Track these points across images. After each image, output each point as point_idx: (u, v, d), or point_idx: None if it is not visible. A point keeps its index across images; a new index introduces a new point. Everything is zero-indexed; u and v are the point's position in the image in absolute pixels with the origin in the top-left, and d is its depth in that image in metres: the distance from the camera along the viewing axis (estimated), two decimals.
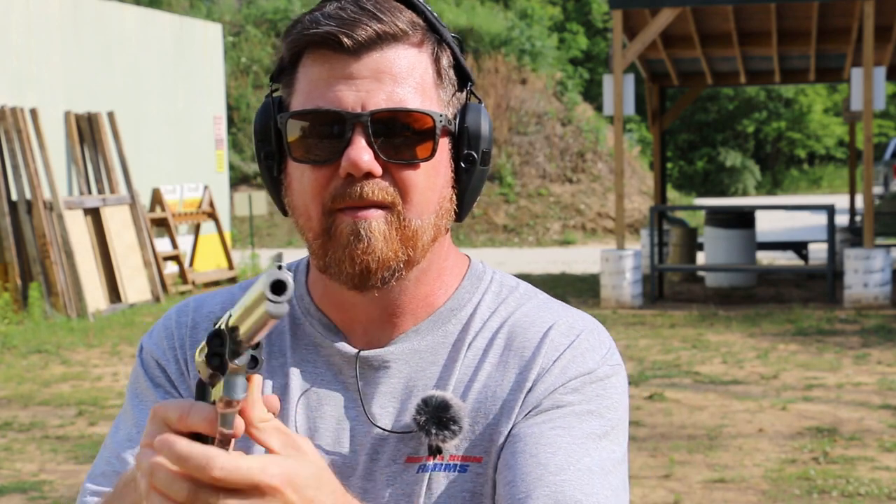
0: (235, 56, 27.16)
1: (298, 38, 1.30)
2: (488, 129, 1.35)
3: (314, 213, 1.29)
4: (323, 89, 1.28)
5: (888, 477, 6.27)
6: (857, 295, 12.41)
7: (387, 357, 1.34)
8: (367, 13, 1.28)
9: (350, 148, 1.26)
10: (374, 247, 1.27)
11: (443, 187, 1.32)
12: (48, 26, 14.03)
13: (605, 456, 1.28)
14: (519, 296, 1.39)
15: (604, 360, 1.34)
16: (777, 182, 39.32)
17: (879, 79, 12.45)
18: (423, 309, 1.36)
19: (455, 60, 1.34)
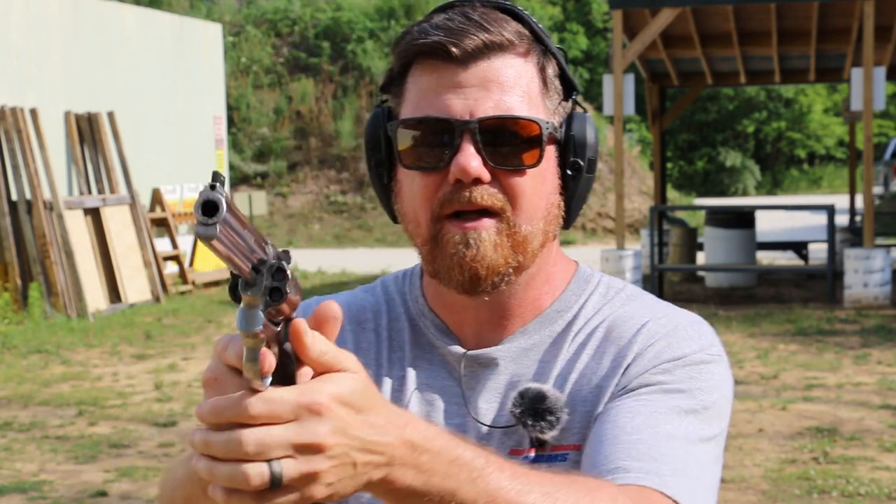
0: (235, 56, 27.16)
1: (407, 49, 1.34)
2: (594, 137, 1.38)
3: (423, 219, 1.33)
4: (432, 98, 1.32)
5: (888, 477, 6.27)
6: (857, 295, 12.41)
7: (494, 355, 1.38)
8: (475, 23, 1.32)
9: (459, 154, 1.29)
10: (484, 254, 1.31)
11: (550, 194, 1.35)
12: (48, 26, 14.03)
13: (690, 429, 1.27)
14: (625, 297, 1.42)
15: (702, 349, 1.34)
16: (777, 182, 39.32)
17: (879, 79, 12.45)
18: (531, 312, 1.40)
19: (560, 70, 1.38)
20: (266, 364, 0.95)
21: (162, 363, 10.26)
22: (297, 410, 0.94)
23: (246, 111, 26.55)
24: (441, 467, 1.02)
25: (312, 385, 0.96)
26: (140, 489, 6.37)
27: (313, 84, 26.74)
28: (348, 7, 28.02)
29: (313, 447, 0.95)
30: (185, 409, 8.29)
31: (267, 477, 0.93)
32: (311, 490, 0.96)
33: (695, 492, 1.23)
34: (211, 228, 0.88)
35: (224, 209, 0.88)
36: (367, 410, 0.98)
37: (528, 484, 1.06)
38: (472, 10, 1.34)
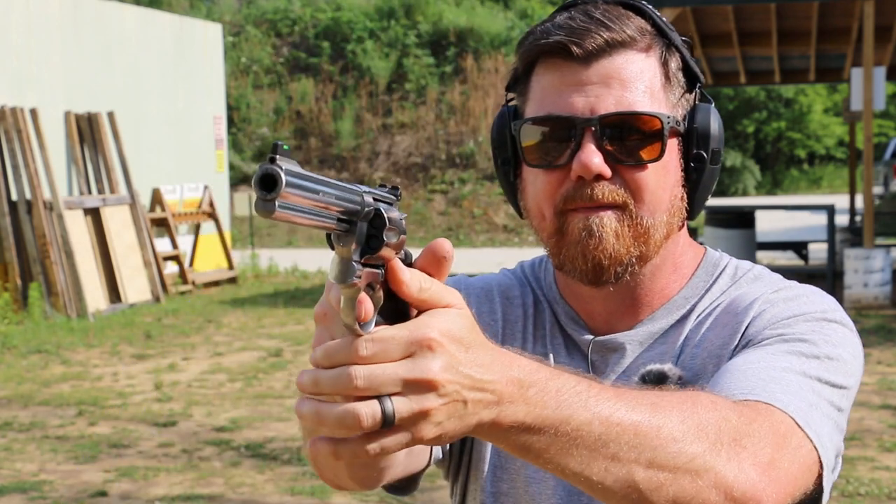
0: (235, 56, 27.15)
1: (531, 49, 1.37)
2: (718, 128, 1.39)
3: (547, 214, 1.37)
4: (554, 96, 1.35)
5: (888, 477, 6.27)
6: (857, 295, 12.40)
7: (621, 340, 1.41)
8: (596, 21, 1.34)
9: (581, 151, 1.32)
10: (606, 243, 1.33)
11: (673, 186, 1.37)
12: (48, 26, 14.03)
13: (808, 367, 1.26)
14: (752, 277, 1.44)
15: (825, 310, 1.34)
16: (777, 182, 39.30)
17: (879, 79, 12.44)
18: (659, 300, 1.42)
19: (684, 63, 1.39)
20: (363, 311, 0.94)
21: (162, 363, 10.26)
22: (408, 347, 0.93)
23: (246, 111, 26.54)
24: (550, 398, 1.01)
25: (422, 320, 0.95)
26: (140, 489, 6.37)
27: (313, 84, 26.74)
28: (348, 7, 28.01)
29: (425, 384, 0.93)
30: (185, 409, 8.29)
31: (379, 416, 0.91)
32: (422, 430, 0.94)
33: (810, 414, 1.19)
34: (270, 204, 0.86)
35: (283, 183, 0.85)
36: (476, 347, 0.97)
37: (633, 400, 1.06)
38: (594, 7, 1.37)
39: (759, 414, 1.14)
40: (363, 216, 0.94)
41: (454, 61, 26.45)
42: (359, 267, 0.93)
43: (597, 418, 1.03)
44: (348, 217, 0.94)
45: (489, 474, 1.45)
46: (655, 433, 1.05)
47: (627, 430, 1.04)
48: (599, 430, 1.03)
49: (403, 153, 25.39)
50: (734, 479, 1.08)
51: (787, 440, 1.15)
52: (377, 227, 0.94)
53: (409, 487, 1.41)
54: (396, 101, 26.07)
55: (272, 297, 14.85)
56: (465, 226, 23.86)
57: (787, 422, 1.16)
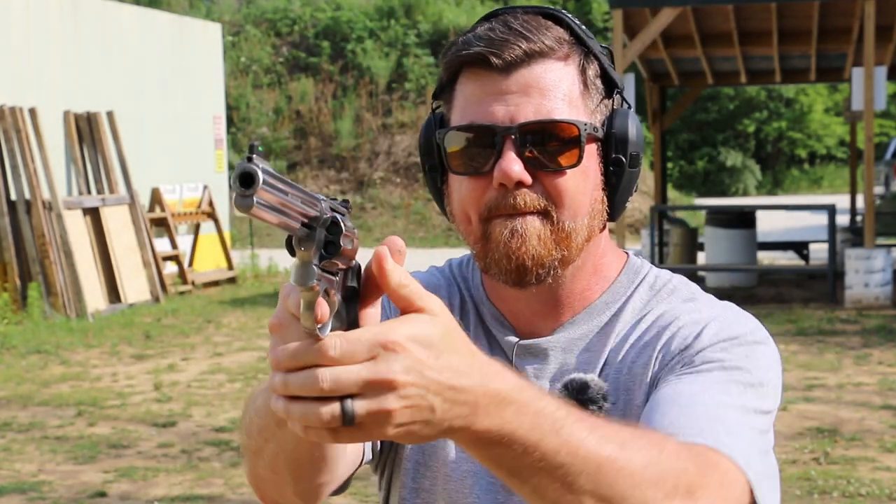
0: (235, 56, 27.14)
1: (453, 59, 1.42)
2: (636, 132, 1.43)
3: (473, 219, 1.41)
4: (476, 105, 1.39)
5: (889, 477, 6.25)
6: (858, 295, 12.39)
7: (544, 345, 1.45)
8: (515, 32, 1.39)
9: (501, 160, 1.36)
10: (529, 245, 1.37)
11: (593, 190, 1.41)
12: (48, 26, 14.02)
13: (745, 400, 1.31)
14: (671, 288, 1.47)
15: (752, 331, 1.39)
16: (778, 182, 39.30)
17: (880, 78, 12.43)
18: (580, 302, 1.46)
19: (602, 70, 1.43)
20: (319, 313, 0.98)
21: (161, 363, 10.24)
22: (372, 349, 0.96)
23: (246, 111, 26.53)
24: (527, 419, 1.04)
25: (389, 325, 0.98)
26: (139, 489, 6.35)
27: (313, 84, 26.73)
28: (348, 7, 28.01)
29: (385, 384, 0.96)
30: (185, 410, 8.28)
31: (338, 414, 0.96)
32: (382, 429, 0.98)
33: (750, 454, 1.25)
34: (248, 200, 0.91)
35: (260, 180, 0.91)
36: (449, 353, 1.00)
37: (604, 436, 1.10)
38: (513, 18, 1.41)
39: (710, 465, 1.19)
40: (322, 223, 0.99)
41: None
42: (318, 270, 0.98)
43: (565, 447, 1.06)
44: (309, 221, 0.99)
45: (411, 470, 1.50)
46: (616, 472, 1.09)
47: (590, 463, 1.08)
48: (564, 458, 1.06)
49: (403, 153, 25.37)
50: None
51: (730, 491, 1.21)
52: (334, 233, 0.99)
53: (342, 488, 1.46)
54: (396, 101, 26.06)
55: (272, 297, 14.83)
56: None
57: (731, 470, 1.22)
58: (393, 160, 25.34)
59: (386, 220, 23.60)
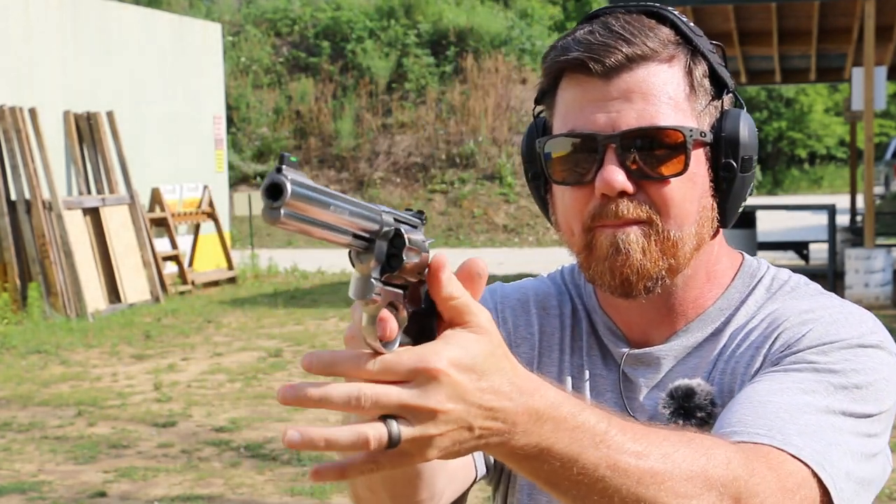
0: (235, 56, 27.14)
1: (552, 65, 1.37)
2: (748, 134, 1.37)
3: (576, 230, 1.37)
4: (577, 112, 1.35)
5: (889, 477, 6.24)
6: (858, 295, 12.38)
7: (656, 354, 1.42)
8: (616, 35, 1.34)
9: (603, 169, 1.32)
10: (633, 259, 1.33)
11: (701, 197, 1.36)
12: (47, 26, 14.01)
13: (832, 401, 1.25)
14: (789, 289, 1.43)
15: (862, 334, 1.33)
16: (778, 182, 39.29)
17: (880, 78, 12.43)
18: (694, 310, 1.42)
19: (710, 69, 1.37)
20: (388, 329, 0.96)
21: (161, 363, 10.24)
22: (411, 374, 0.95)
23: (246, 111, 26.53)
24: (564, 434, 1.03)
25: (433, 347, 0.96)
26: (139, 489, 6.35)
27: (313, 84, 26.72)
28: (348, 7, 28.00)
29: (427, 412, 0.95)
30: (185, 410, 8.28)
31: (385, 439, 0.95)
32: (425, 453, 0.97)
33: (827, 454, 1.19)
34: (275, 212, 0.89)
35: (289, 192, 0.88)
36: (491, 374, 0.98)
37: (647, 446, 1.07)
38: (614, 19, 1.36)
39: (769, 468, 1.15)
40: (382, 235, 0.96)
41: (454, 61, 26.44)
42: (377, 284, 0.96)
43: (604, 460, 1.04)
44: (367, 235, 0.96)
45: (527, 486, 1.47)
46: (658, 485, 1.07)
47: (631, 477, 1.06)
48: (604, 472, 1.05)
49: (403, 153, 25.37)
50: None
51: (793, 495, 1.15)
52: (397, 246, 0.96)
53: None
54: (396, 101, 26.06)
55: (272, 297, 14.83)
56: (465, 226, 23.84)
57: (799, 472, 1.16)
58: (393, 160, 25.33)
59: None
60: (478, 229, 24.02)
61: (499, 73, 25.97)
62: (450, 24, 27.11)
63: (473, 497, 6.13)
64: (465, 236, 23.59)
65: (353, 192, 24.64)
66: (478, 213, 24.14)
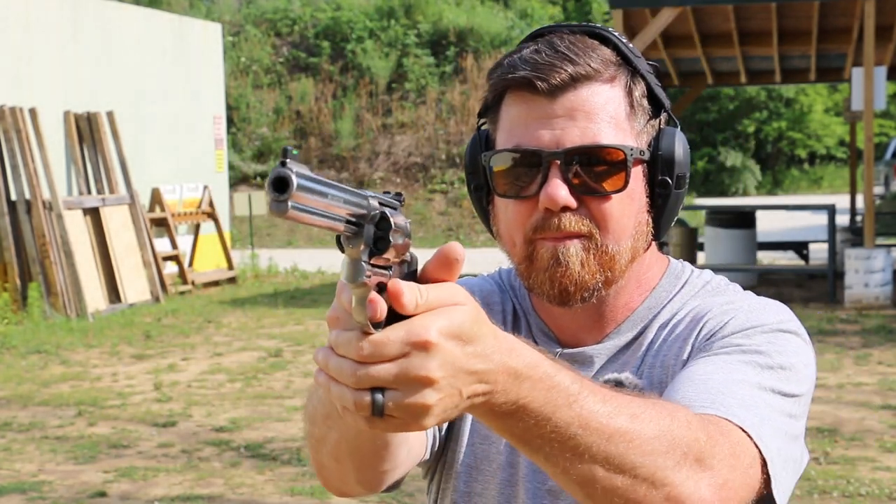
0: (235, 56, 27.14)
1: (498, 82, 1.42)
2: (683, 153, 1.44)
3: (518, 241, 1.41)
4: (522, 129, 1.39)
5: (889, 477, 6.25)
6: (858, 295, 12.38)
7: (589, 353, 1.48)
8: (561, 56, 1.38)
9: (547, 184, 1.37)
10: (572, 271, 1.38)
11: (638, 212, 1.42)
12: (47, 26, 14.02)
13: (762, 379, 1.31)
14: (711, 289, 1.49)
15: (781, 321, 1.39)
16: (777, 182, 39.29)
17: (880, 78, 12.43)
18: (623, 314, 1.48)
19: (649, 90, 1.43)
20: (378, 311, 0.99)
21: (161, 363, 10.24)
22: (404, 347, 0.98)
23: (246, 111, 26.53)
24: (540, 394, 1.06)
25: (421, 321, 0.99)
26: (139, 489, 6.35)
27: (313, 84, 26.73)
28: (348, 7, 28.00)
29: (422, 381, 0.98)
30: (185, 410, 8.28)
31: (367, 405, 0.98)
32: (423, 420, 1.00)
33: (762, 427, 1.25)
34: (283, 205, 0.91)
35: (294, 185, 0.91)
36: (476, 340, 1.01)
37: (616, 407, 1.12)
38: (559, 39, 1.40)
39: (721, 434, 1.20)
40: (370, 219, 0.99)
41: (454, 61, 26.44)
42: (368, 267, 0.99)
43: (577, 419, 1.09)
44: (356, 220, 0.99)
45: (463, 474, 1.51)
46: (627, 442, 1.11)
47: (602, 434, 1.10)
48: (576, 430, 1.09)
49: (403, 153, 25.37)
50: (688, 495, 1.15)
51: (741, 460, 1.21)
52: (383, 229, 1.00)
53: (394, 487, 1.47)
54: (396, 101, 26.06)
55: (272, 297, 14.83)
56: (465, 226, 23.84)
57: (744, 441, 1.22)
58: (393, 160, 25.34)
59: None
60: (478, 229, 24.02)
61: None
62: (450, 24, 27.12)
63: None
64: (465, 236, 23.59)
65: None
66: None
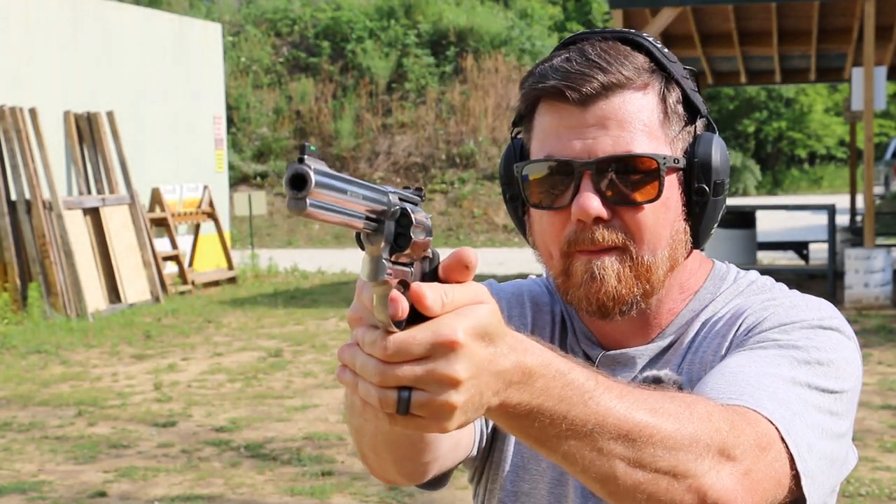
0: (235, 56, 27.14)
1: (530, 92, 1.41)
2: (720, 159, 1.41)
3: (554, 254, 1.41)
4: (554, 139, 1.38)
5: (889, 477, 6.25)
6: (858, 295, 12.38)
7: (632, 354, 1.46)
8: (592, 64, 1.36)
9: (579, 195, 1.36)
10: (608, 286, 1.37)
11: (674, 221, 1.40)
12: (47, 26, 14.02)
13: (797, 374, 1.29)
14: (756, 288, 1.47)
15: (822, 318, 1.37)
16: (778, 182, 39.30)
17: (880, 78, 12.43)
18: (668, 319, 1.47)
19: (684, 95, 1.41)
20: (399, 309, 0.97)
21: (161, 363, 10.24)
22: (430, 349, 0.97)
23: (246, 111, 26.53)
24: (555, 391, 1.05)
25: (448, 321, 0.98)
26: (140, 489, 6.35)
27: (313, 84, 26.72)
28: (348, 7, 28.00)
29: (449, 381, 0.97)
30: (185, 410, 8.28)
31: (393, 403, 0.98)
32: (449, 421, 0.99)
33: (793, 422, 1.23)
34: (301, 202, 0.90)
35: (313, 182, 0.89)
36: (498, 339, 1.01)
37: (634, 402, 1.11)
38: (591, 46, 1.38)
39: (747, 424, 1.18)
40: (390, 215, 0.98)
41: (454, 61, 26.44)
42: (389, 264, 0.97)
43: (593, 416, 1.07)
44: (376, 216, 0.97)
45: (510, 474, 1.50)
46: (646, 437, 1.10)
47: (619, 431, 1.09)
48: (593, 427, 1.08)
49: (403, 153, 25.37)
50: (710, 485, 1.14)
51: (766, 452, 1.19)
52: (404, 225, 0.98)
53: (441, 482, 1.46)
54: (396, 101, 26.06)
55: (272, 297, 14.83)
56: (465, 226, 23.84)
57: (770, 433, 1.20)
58: (393, 160, 25.34)
59: None
60: (478, 229, 24.03)
61: (499, 73, 25.97)
62: (450, 24, 27.12)
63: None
64: (465, 236, 23.59)
65: None
66: (478, 213, 24.15)
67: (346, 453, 6.94)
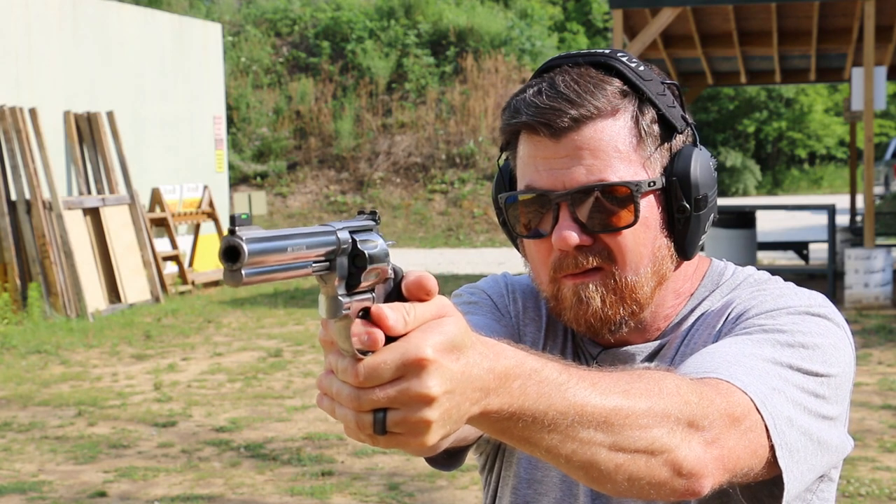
0: (235, 56, 27.13)
1: (506, 126, 1.45)
2: (702, 173, 1.42)
3: (544, 279, 1.45)
4: (532, 170, 1.42)
5: (889, 477, 6.25)
6: (858, 295, 12.39)
7: (632, 351, 1.49)
8: (562, 97, 1.38)
9: (558, 226, 1.40)
10: (594, 308, 1.41)
11: (655, 239, 1.43)
12: (48, 26, 14.01)
13: (779, 355, 1.30)
14: (752, 282, 1.48)
15: (811, 305, 1.38)
16: (778, 182, 39.29)
17: (880, 79, 12.43)
18: (665, 322, 1.50)
19: (659, 114, 1.41)
20: (370, 341, 0.98)
21: (161, 363, 10.24)
22: (399, 370, 0.97)
23: (246, 111, 26.52)
24: (532, 389, 1.06)
25: (414, 340, 0.98)
26: (139, 489, 6.35)
27: (313, 84, 26.72)
28: (348, 7, 28.00)
29: (422, 399, 0.98)
30: (185, 410, 8.28)
31: (369, 426, 0.99)
32: (426, 437, 1.00)
33: (770, 396, 1.24)
34: (237, 274, 0.89)
35: (245, 253, 0.88)
36: (467, 350, 1.01)
37: (607, 388, 1.13)
38: (562, 76, 1.39)
39: (718, 393, 1.21)
40: (340, 252, 0.97)
41: (454, 61, 26.44)
42: (346, 299, 0.98)
43: (572, 408, 1.09)
44: (325, 257, 0.97)
45: (524, 461, 1.53)
46: (623, 420, 1.12)
47: (598, 417, 1.11)
48: (573, 418, 1.09)
49: (403, 153, 25.37)
50: (684, 457, 1.16)
51: (739, 422, 1.21)
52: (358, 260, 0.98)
53: (454, 461, 1.47)
54: (396, 101, 26.06)
55: (272, 297, 14.84)
56: (465, 226, 23.84)
57: (744, 403, 1.22)
58: (393, 160, 25.33)
59: (386, 221, 23.57)
60: (478, 229, 24.02)
61: (499, 73, 25.97)
62: (450, 24, 27.11)
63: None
64: (465, 236, 23.59)
65: (353, 193, 24.67)
66: (478, 213, 24.14)
67: (346, 453, 6.94)
